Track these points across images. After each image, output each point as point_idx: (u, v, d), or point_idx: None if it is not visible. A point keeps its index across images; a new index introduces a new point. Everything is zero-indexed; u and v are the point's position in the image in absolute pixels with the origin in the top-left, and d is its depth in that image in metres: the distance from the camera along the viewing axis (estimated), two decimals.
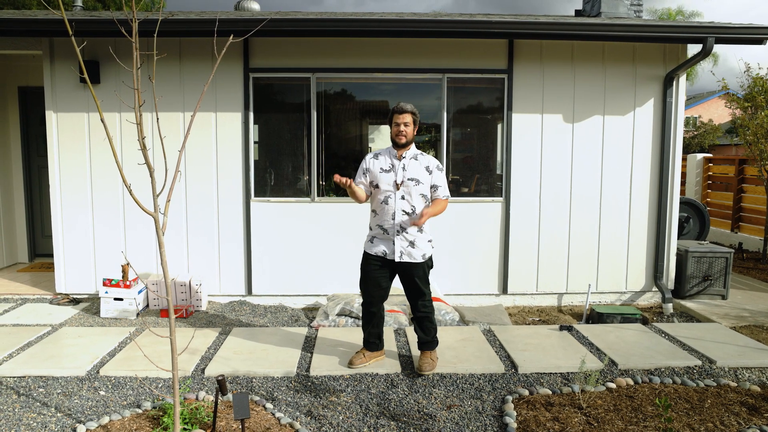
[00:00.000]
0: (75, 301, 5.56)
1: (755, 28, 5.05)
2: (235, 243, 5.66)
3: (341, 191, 5.89)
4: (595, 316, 5.30)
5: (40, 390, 3.72)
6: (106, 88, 5.47)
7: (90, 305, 5.50)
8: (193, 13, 5.75)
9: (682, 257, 5.82)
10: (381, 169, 3.87)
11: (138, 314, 5.23)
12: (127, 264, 4.82)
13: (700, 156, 10.00)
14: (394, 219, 3.81)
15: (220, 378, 3.18)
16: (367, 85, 5.80)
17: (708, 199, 9.95)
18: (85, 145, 5.55)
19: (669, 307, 5.58)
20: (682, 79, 5.60)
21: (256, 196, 5.63)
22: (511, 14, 6.21)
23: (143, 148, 2.65)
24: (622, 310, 5.33)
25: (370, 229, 3.98)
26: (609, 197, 5.73)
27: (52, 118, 5.51)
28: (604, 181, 5.71)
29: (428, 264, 3.92)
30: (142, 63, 2.56)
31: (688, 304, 5.66)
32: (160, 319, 5.16)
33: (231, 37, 3.11)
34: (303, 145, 5.67)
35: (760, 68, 7.35)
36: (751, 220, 8.82)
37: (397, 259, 3.83)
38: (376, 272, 3.91)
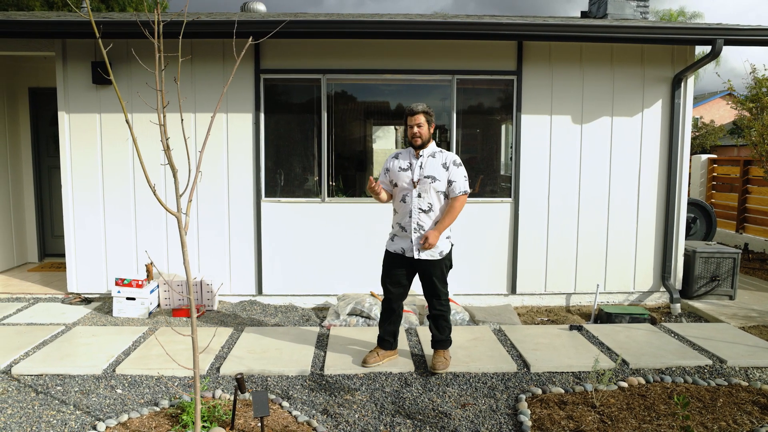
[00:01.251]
0: (87, 301, 5.60)
1: (764, 29, 5.08)
2: (245, 243, 5.69)
3: (351, 192, 5.93)
4: (604, 316, 5.33)
5: (58, 388, 3.76)
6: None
7: (102, 305, 5.54)
8: (203, 14, 5.79)
9: (689, 258, 5.85)
10: (400, 168, 3.93)
11: (150, 314, 5.26)
12: (151, 263, 4.86)
13: (704, 157, 10.04)
14: (411, 217, 3.86)
15: (239, 376, 3.22)
16: (377, 86, 5.84)
17: (712, 200, 9.99)
18: (97, 145, 5.59)
19: (677, 307, 5.62)
20: (690, 80, 5.63)
21: (266, 196, 5.67)
22: (521, 16, 6.25)
23: (167, 149, 2.68)
24: (630, 310, 5.36)
25: (392, 227, 4.05)
26: (617, 198, 5.77)
27: (64, 118, 5.54)
28: (613, 182, 5.75)
29: (446, 263, 3.96)
30: (166, 65, 2.59)
31: (696, 304, 5.69)
32: (172, 319, 5.19)
33: (250, 39, 3.14)
34: (313, 146, 5.70)
35: (766, 69, 7.38)
36: (756, 221, 8.86)
37: (415, 257, 3.87)
38: (396, 269, 3.97)
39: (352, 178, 5.95)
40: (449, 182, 3.86)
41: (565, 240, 5.79)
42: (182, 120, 2.49)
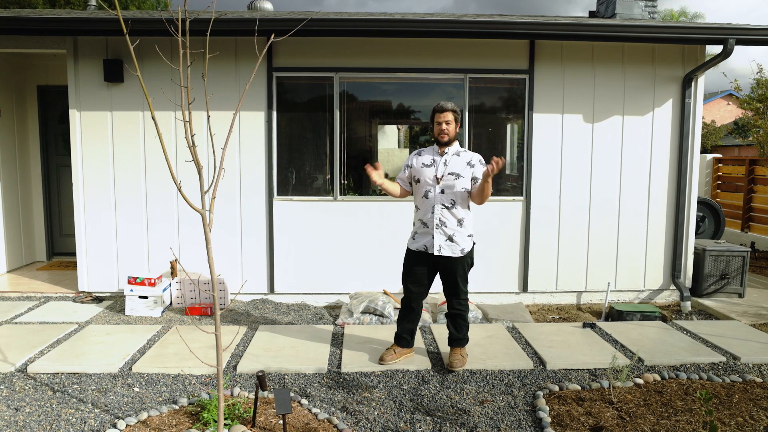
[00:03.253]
0: (98, 300, 5.59)
1: None
2: (257, 241, 5.70)
3: (363, 190, 5.94)
4: (615, 314, 5.35)
5: (75, 386, 3.76)
6: (130, 88, 5.51)
7: (113, 303, 5.54)
8: (216, 12, 5.78)
9: (699, 256, 5.87)
10: (423, 164, 3.95)
11: (163, 312, 5.26)
12: (176, 260, 4.85)
13: (709, 156, 10.08)
14: (433, 213, 3.87)
15: (260, 374, 3.22)
16: (389, 85, 5.84)
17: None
18: (108, 144, 5.59)
19: (687, 305, 5.64)
20: (701, 80, 5.65)
21: (278, 194, 5.68)
22: (533, 15, 6.27)
23: (192, 146, 2.69)
24: (641, 308, 5.38)
25: (413, 224, 4.05)
26: (628, 196, 5.78)
27: (75, 116, 5.54)
28: (623, 180, 5.77)
29: (468, 261, 3.97)
30: (193, 61, 2.59)
31: (706, 302, 5.72)
32: (186, 317, 5.19)
33: (272, 36, 3.15)
34: (325, 144, 5.71)
35: None
36: (762, 220, 8.89)
37: (435, 253, 3.88)
38: (417, 268, 3.97)
39: (364, 176, 5.95)
40: (474, 179, 3.88)
41: (576, 238, 5.80)
42: (209, 117, 2.49)
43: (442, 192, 3.87)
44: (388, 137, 6.89)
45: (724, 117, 25.41)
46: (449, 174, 3.86)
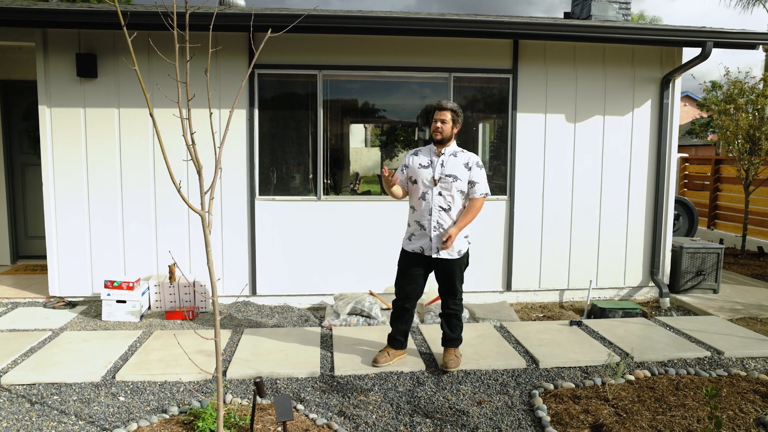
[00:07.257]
0: (71, 305, 5.33)
1: (749, 33, 5.27)
2: (238, 242, 5.54)
3: (339, 189, 5.86)
4: (597, 311, 5.43)
5: (55, 397, 3.57)
6: (103, 83, 5.27)
7: (88, 308, 5.29)
8: (202, 7, 5.59)
9: (676, 253, 6.02)
10: (420, 164, 3.89)
11: (142, 317, 5.06)
12: (174, 264, 4.67)
13: (677, 155, 10.38)
14: (431, 215, 3.82)
15: (258, 380, 3.12)
16: (374, 84, 5.77)
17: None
18: (81, 142, 5.33)
19: (666, 302, 5.78)
20: (678, 81, 5.79)
21: (260, 194, 5.53)
22: (518, 16, 6.31)
23: (192, 144, 2.56)
24: (622, 305, 5.48)
25: (408, 225, 3.99)
26: (608, 195, 5.88)
27: (45, 113, 5.26)
28: (604, 178, 5.86)
29: (464, 261, 3.94)
30: (194, 55, 2.48)
31: (684, 298, 5.87)
32: (166, 322, 5.00)
33: (269, 31, 3.05)
34: (308, 143, 5.60)
35: (739, 72, 7.69)
36: (727, 218, 9.21)
37: (433, 255, 3.84)
38: (413, 269, 3.92)
39: (349, 176, 5.87)
40: (471, 183, 3.85)
41: (559, 237, 5.86)
42: (211, 114, 2.38)
43: (440, 194, 3.82)
44: (354, 136, 6.81)
45: (680, 118, 26.36)
46: (447, 176, 3.81)
